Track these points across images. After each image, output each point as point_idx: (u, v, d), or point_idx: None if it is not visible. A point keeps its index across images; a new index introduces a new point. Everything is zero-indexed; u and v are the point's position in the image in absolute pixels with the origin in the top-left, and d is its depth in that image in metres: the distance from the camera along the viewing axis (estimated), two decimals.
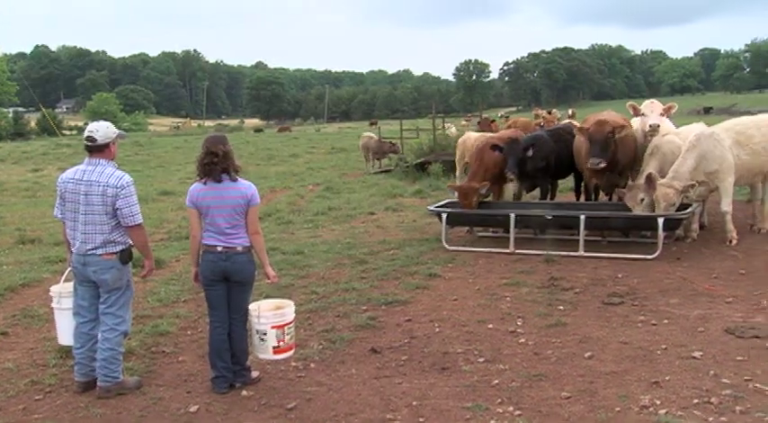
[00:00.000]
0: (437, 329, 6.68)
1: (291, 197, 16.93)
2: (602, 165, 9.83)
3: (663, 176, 9.49)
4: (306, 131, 67.52)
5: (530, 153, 10.58)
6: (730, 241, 9.54)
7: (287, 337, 5.46)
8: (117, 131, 5.56)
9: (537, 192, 11.76)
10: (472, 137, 14.14)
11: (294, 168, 25.18)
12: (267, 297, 6.57)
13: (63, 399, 5.42)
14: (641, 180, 9.59)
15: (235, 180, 5.32)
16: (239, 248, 5.33)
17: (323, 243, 10.92)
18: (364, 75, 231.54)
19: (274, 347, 5.41)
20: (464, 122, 46.26)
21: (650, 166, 9.75)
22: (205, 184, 5.30)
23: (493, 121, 21.29)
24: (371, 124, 72.93)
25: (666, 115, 10.57)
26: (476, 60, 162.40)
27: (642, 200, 9.51)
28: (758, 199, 10.48)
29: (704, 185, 9.49)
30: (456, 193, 10.75)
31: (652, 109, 10.44)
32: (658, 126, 10.11)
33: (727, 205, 9.52)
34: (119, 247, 5.38)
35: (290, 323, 5.51)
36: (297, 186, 19.29)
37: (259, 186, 6.21)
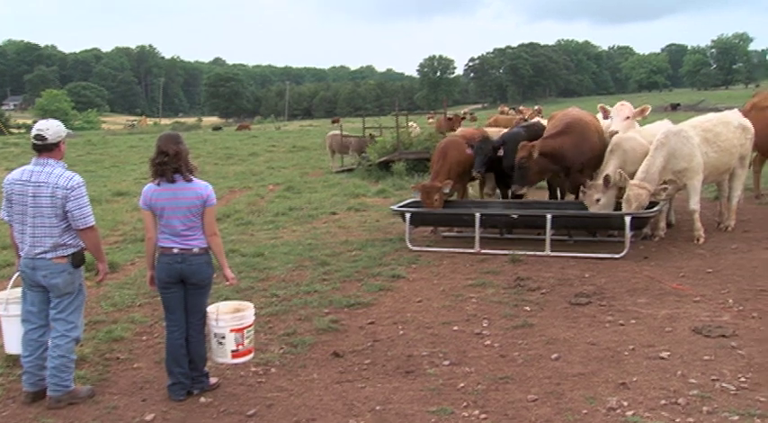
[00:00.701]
0: (401, 332, 6.70)
1: (251, 197, 16.78)
2: (521, 191, 10.35)
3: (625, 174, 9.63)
4: (266, 129, 67.05)
5: (500, 153, 10.66)
6: (698, 240, 9.72)
7: (246, 341, 5.43)
8: (66, 130, 5.49)
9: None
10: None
11: (254, 168, 24.97)
12: (226, 300, 6.52)
13: (10, 410, 5.31)
14: (600, 179, 9.71)
15: (189, 180, 5.28)
16: (196, 250, 5.30)
17: (284, 244, 10.87)
18: (326, 71, 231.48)
19: (233, 351, 5.39)
20: (429, 120, 46.32)
21: (610, 165, 9.88)
22: (158, 184, 5.26)
23: (463, 117, 21.21)
24: (334, 122, 72.70)
25: (641, 117, 10.78)
26: (440, 56, 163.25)
27: (598, 200, 9.62)
28: (725, 197, 10.70)
29: (672, 184, 9.63)
30: (419, 193, 10.78)
31: (618, 112, 10.62)
32: (617, 133, 10.28)
33: (695, 204, 9.70)
34: (70, 251, 5.30)
35: (250, 326, 5.49)
36: (257, 186, 19.13)
37: (217, 186, 6.15)
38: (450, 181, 10.77)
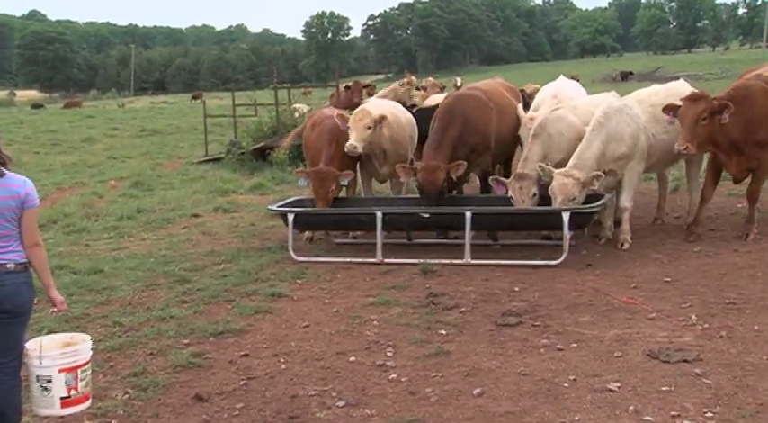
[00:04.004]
0: (283, 366, 6.73)
1: (86, 197, 16.44)
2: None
3: (551, 164, 9.90)
4: (105, 107, 65.84)
5: None
6: (622, 244, 9.96)
7: (81, 384, 5.31)
8: None
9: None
10: None
11: (89, 158, 24.48)
12: (51, 332, 6.39)
13: None
14: (526, 169, 9.94)
15: (2, 175, 5.15)
16: (10, 266, 5.15)
17: (130, 257, 10.72)
18: (184, 32, 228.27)
19: (63, 398, 5.24)
20: (331, 99, 46.23)
21: (534, 152, 10.08)
22: None
23: (366, 85, 21.12)
24: (194, 98, 72.03)
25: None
26: (331, 14, 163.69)
27: (534, 195, 9.86)
28: (666, 190, 11.23)
29: (612, 175, 9.90)
30: (308, 180, 10.73)
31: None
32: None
33: (627, 200, 9.98)
34: None
35: (85, 365, 5.37)
36: (93, 182, 18.77)
37: (40, 182, 6.02)
38: (351, 172, 10.82)
